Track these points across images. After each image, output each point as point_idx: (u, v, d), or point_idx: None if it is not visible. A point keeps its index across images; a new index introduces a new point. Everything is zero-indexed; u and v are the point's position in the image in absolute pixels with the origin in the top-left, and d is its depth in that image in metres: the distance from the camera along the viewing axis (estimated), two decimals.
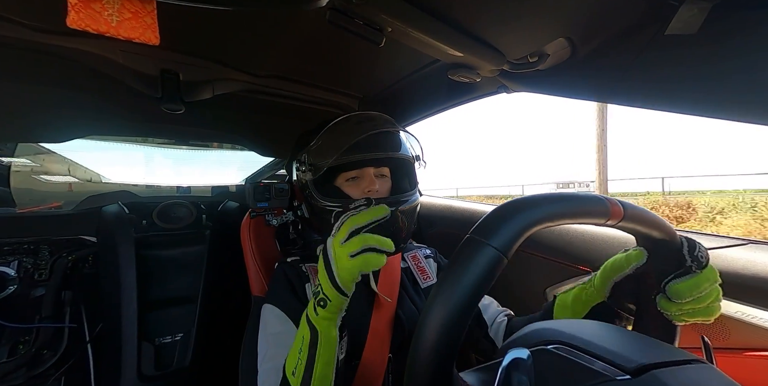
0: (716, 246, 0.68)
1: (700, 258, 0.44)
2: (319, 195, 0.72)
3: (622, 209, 0.38)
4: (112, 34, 0.40)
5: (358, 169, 0.72)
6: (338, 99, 1.09)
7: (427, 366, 0.29)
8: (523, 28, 0.60)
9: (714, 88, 0.50)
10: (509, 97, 0.84)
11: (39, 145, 1.68)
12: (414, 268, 0.81)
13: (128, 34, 0.41)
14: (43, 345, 1.03)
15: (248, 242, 0.86)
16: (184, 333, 1.14)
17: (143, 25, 0.42)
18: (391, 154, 0.74)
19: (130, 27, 0.41)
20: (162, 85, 0.81)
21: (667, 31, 0.49)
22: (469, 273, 0.30)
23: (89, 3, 0.38)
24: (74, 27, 0.38)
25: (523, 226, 0.32)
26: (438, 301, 0.30)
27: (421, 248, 0.88)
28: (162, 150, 1.82)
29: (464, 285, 0.29)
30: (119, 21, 0.40)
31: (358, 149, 0.69)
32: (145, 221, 1.19)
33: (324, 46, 0.79)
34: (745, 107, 0.49)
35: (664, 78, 0.56)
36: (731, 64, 0.48)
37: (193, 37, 0.74)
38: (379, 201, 0.68)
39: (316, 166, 0.72)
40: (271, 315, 0.66)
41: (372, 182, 0.72)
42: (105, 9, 0.39)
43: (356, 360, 0.65)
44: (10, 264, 1.04)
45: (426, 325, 0.30)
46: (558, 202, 0.35)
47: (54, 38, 0.68)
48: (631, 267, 0.50)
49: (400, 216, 0.68)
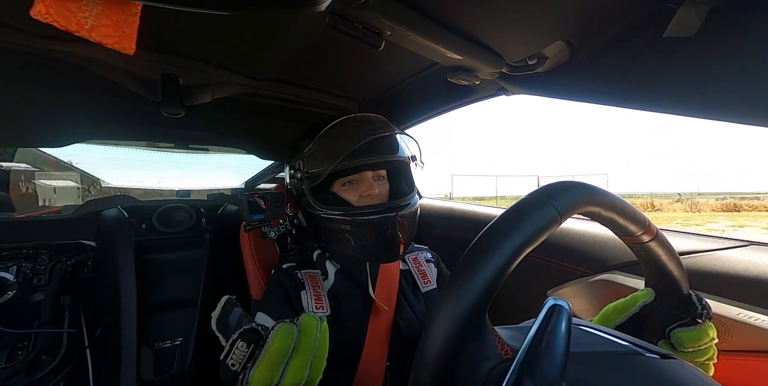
0: (717, 248, 0.68)
1: (708, 307, 0.44)
2: (317, 203, 0.69)
3: (656, 229, 0.41)
4: (83, 35, 0.38)
5: (356, 173, 0.71)
6: (338, 102, 1.09)
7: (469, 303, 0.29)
8: (521, 31, 0.61)
9: (712, 91, 0.50)
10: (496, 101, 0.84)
11: (39, 150, 1.68)
12: (415, 271, 0.79)
13: (101, 38, 0.39)
14: (42, 350, 1.02)
15: (248, 246, 0.86)
16: (184, 338, 1.14)
17: (120, 33, 0.40)
18: (389, 157, 0.72)
19: (105, 33, 0.39)
20: (162, 89, 0.81)
21: (665, 33, 0.49)
22: (525, 226, 0.31)
23: (63, 0, 0.36)
24: (37, 18, 0.36)
25: (584, 200, 0.35)
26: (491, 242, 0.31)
27: (422, 250, 0.86)
28: (161, 154, 1.82)
29: (519, 233, 0.31)
30: (94, 25, 0.38)
31: (355, 154, 0.67)
32: (144, 225, 1.18)
33: (323, 50, 0.79)
34: (743, 109, 0.49)
35: (663, 80, 0.56)
36: (729, 67, 0.48)
37: (193, 41, 0.74)
38: (379, 206, 0.68)
39: (312, 174, 0.69)
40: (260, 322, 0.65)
41: (371, 187, 0.70)
42: (81, 10, 0.37)
43: (353, 369, 0.63)
44: (8, 270, 1.04)
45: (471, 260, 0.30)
46: (612, 197, 0.37)
47: (54, 43, 0.68)
48: (638, 304, 0.48)
49: (401, 220, 0.67)
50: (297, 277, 0.70)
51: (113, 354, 1.03)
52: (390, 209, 0.67)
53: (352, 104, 1.13)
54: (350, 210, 0.69)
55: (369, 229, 0.66)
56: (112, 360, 1.03)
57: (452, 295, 0.29)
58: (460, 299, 0.29)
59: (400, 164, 0.77)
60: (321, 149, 0.71)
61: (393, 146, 0.75)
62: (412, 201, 0.72)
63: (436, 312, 0.30)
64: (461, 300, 0.29)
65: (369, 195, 0.70)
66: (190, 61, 0.80)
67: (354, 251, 0.69)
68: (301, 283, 0.69)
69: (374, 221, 0.66)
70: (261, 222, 0.79)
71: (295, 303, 0.66)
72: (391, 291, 0.71)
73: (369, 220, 0.66)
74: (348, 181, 0.72)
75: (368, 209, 0.67)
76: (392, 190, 0.76)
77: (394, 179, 0.78)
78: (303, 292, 0.68)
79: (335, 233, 0.69)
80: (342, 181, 0.72)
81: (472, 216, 1.17)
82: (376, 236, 0.66)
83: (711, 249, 0.68)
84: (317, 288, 0.69)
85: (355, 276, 0.72)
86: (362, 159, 0.68)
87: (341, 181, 0.72)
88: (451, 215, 1.23)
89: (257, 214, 0.78)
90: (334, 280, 0.72)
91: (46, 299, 1.05)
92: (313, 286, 0.69)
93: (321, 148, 0.71)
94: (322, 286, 0.70)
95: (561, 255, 0.87)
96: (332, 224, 0.69)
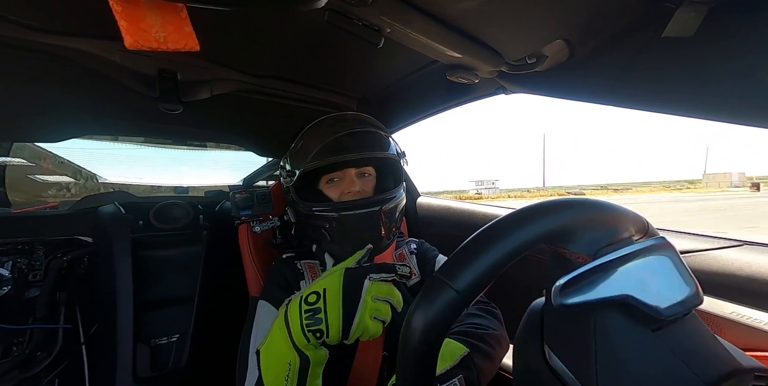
0: (712, 248, 0.69)
1: None
2: (299, 199, 0.72)
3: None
4: (163, 49, 0.42)
5: (339, 170, 0.72)
6: (336, 99, 1.09)
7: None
8: (521, 29, 0.61)
9: (711, 91, 0.51)
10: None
11: (35, 145, 1.67)
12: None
13: (175, 46, 0.42)
14: (37, 346, 1.01)
15: (246, 242, 0.86)
16: (181, 334, 1.13)
17: (184, 34, 0.43)
18: (366, 153, 0.71)
19: (175, 39, 0.42)
20: (159, 84, 0.81)
21: (664, 33, 0.49)
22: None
23: (137, 24, 0.39)
24: (135, 49, 0.40)
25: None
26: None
27: (410, 243, 0.87)
28: (159, 150, 1.81)
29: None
30: (165, 35, 0.41)
31: (333, 151, 0.68)
32: (141, 221, 1.18)
33: (322, 47, 0.79)
34: (742, 109, 0.49)
35: (662, 80, 0.56)
36: (728, 67, 0.48)
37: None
38: (358, 202, 0.70)
39: (291, 171, 0.72)
40: (262, 311, 0.66)
41: (351, 183, 0.72)
42: (152, 27, 0.40)
43: (350, 359, 0.64)
44: (4, 265, 1.03)
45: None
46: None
47: (51, 38, 0.67)
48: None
49: (381, 215, 0.69)
50: (297, 267, 0.73)
51: (109, 350, 1.03)
52: (368, 204, 0.69)
53: (350, 102, 1.13)
54: (330, 205, 0.70)
55: (346, 224, 0.68)
56: (108, 356, 1.03)
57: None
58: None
59: (386, 161, 0.77)
60: (300, 148, 0.73)
61: (374, 143, 0.74)
62: (394, 196, 0.72)
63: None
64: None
65: (350, 192, 0.71)
66: (189, 57, 0.79)
67: (332, 246, 0.72)
68: (300, 273, 0.72)
69: (351, 216, 0.68)
70: (249, 217, 0.84)
71: (296, 291, 0.67)
72: None
73: (345, 216, 0.68)
74: (331, 178, 0.74)
75: (343, 204, 0.69)
76: (378, 187, 0.77)
77: (381, 176, 0.79)
78: (303, 282, 0.70)
79: (315, 229, 0.72)
80: (327, 177, 0.74)
81: (470, 214, 1.17)
82: (354, 230, 0.68)
83: (705, 248, 0.69)
84: (316, 279, 0.70)
85: None
86: (338, 156, 0.69)
87: (326, 178, 0.74)
88: (448, 213, 1.24)
89: (245, 210, 0.83)
90: None
91: (42, 295, 1.04)
92: (312, 276, 0.71)
93: (299, 147, 0.73)
94: (320, 276, 0.71)
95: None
96: (313, 220, 0.71)
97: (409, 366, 0.30)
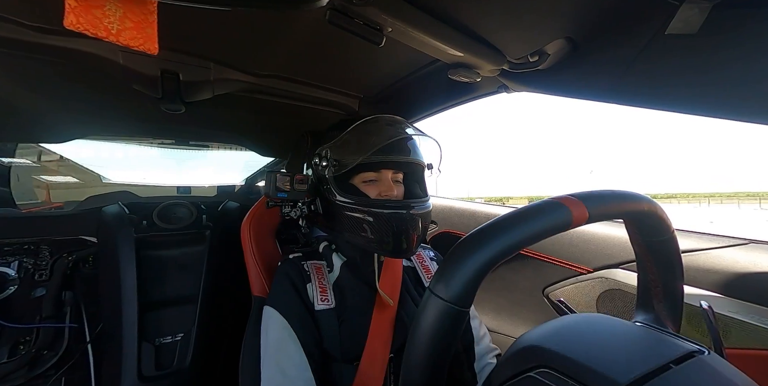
0: (717, 246, 0.68)
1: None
2: (339, 190, 0.72)
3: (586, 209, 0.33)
4: (111, 40, 0.41)
5: (376, 171, 0.74)
6: (338, 99, 1.09)
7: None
8: (523, 27, 0.60)
9: (715, 88, 0.50)
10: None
11: (39, 146, 1.68)
12: (419, 267, 0.81)
13: (128, 42, 0.41)
14: (44, 345, 1.03)
15: (248, 242, 0.86)
16: (185, 334, 1.14)
17: (144, 35, 0.42)
18: (411, 158, 0.76)
19: (131, 36, 0.41)
20: (162, 85, 0.81)
21: (667, 30, 0.48)
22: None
23: (89, 8, 0.38)
24: (71, 28, 0.38)
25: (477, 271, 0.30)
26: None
27: (424, 248, 0.88)
28: (162, 150, 1.82)
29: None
30: (120, 29, 0.40)
31: (383, 151, 0.71)
32: (145, 221, 1.19)
33: (324, 46, 0.79)
34: (746, 107, 0.49)
35: (665, 78, 0.55)
36: (732, 64, 0.48)
37: (193, 38, 0.73)
38: (398, 202, 0.71)
39: (340, 163, 0.73)
40: (271, 320, 0.66)
41: (390, 187, 0.73)
42: (106, 16, 0.39)
43: (356, 361, 0.64)
44: (10, 265, 1.04)
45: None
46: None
47: (54, 39, 0.68)
48: None
49: (417, 219, 0.69)
50: (303, 269, 0.72)
51: (114, 349, 1.04)
52: (408, 206, 0.70)
53: (353, 101, 1.13)
54: (371, 201, 0.71)
55: (387, 222, 0.68)
56: (113, 355, 1.04)
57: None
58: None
59: (417, 168, 0.80)
60: (352, 140, 0.73)
61: (416, 150, 0.79)
62: (427, 204, 0.74)
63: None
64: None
65: (387, 195, 0.72)
66: (191, 57, 0.80)
67: (368, 242, 0.70)
68: (307, 276, 0.71)
69: (393, 215, 0.68)
70: (283, 200, 0.80)
71: (302, 296, 0.68)
72: (394, 286, 0.73)
73: (389, 214, 0.68)
74: (370, 178, 0.74)
75: (388, 203, 0.70)
76: (407, 193, 0.79)
77: (410, 182, 0.81)
78: (309, 285, 0.70)
79: (353, 221, 0.71)
80: (363, 176, 0.74)
81: (473, 214, 1.17)
82: (393, 230, 0.68)
83: (711, 247, 0.69)
84: (322, 281, 0.71)
85: (360, 270, 0.74)
86: (392, 155, 0.73)
87: (362, 177, 0.75)
88: (452, 213, 1.23)
89: (281, 193, 0.78)
90: (339, 273, 0.73)
91: (48, 294, 1.05)
92: (318, 279, 0.71)
93: (352, 140, 0.73)
94: (327, 279, 0.72)
95: (559, 253, 0.87)
96: (351, 212, 0.71)
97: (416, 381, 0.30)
